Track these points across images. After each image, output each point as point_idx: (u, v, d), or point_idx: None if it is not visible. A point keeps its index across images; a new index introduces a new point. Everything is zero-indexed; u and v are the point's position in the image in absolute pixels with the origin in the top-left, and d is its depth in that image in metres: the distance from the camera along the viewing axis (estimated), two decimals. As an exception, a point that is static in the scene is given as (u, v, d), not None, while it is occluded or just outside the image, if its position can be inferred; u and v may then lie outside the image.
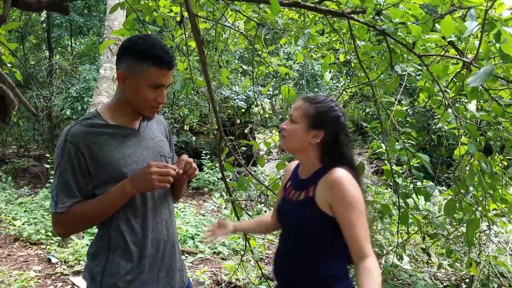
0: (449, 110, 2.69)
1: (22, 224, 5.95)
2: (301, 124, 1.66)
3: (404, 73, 2.62)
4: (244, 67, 11.09)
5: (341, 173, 1.56)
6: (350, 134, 1.76)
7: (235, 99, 10.75)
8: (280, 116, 13.89)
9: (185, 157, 1.68)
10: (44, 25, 11.88)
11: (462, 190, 2.54)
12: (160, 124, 1.85)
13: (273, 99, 16.15)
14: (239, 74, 11.29)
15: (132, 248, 1.59)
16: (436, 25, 2.53)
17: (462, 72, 2.78)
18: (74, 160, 1.51)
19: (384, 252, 3.70)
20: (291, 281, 1.69)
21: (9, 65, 2.77)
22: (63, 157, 1.51)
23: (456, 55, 2.81)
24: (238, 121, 12.99)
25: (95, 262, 1.61)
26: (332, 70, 12.42)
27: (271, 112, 16.25)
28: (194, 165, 1.67)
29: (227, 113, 12.04)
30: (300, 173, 1.79)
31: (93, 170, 1.53)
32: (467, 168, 2.59)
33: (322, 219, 1.58)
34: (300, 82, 12.40)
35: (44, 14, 11.42)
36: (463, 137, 2.76)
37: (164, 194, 1.71)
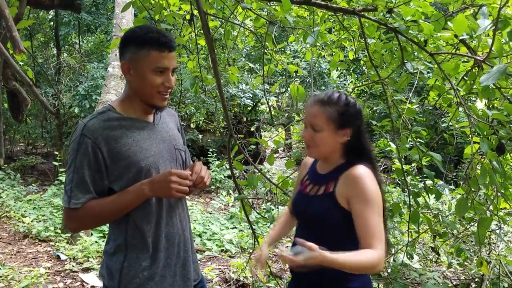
0: (460, 108, 2.68)
1: (31, 221, 6.00)
2: (328, 131, 1.64)
3: (416, 71, 2.60)
4: (251, 65, 11.08)
5: (362, 170, 1.58)
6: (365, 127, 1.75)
7: (241, 97, 10.75)
8: (286, 114, 13.86)
9: (198, 167, 1.66)
10: (52, 23, 11.93)
11: (473, 189, 2.53)
12: (172, 116, 1.86)
13: (280, 97, 16.13)
14: (246, 72, 11.28)
15: (149, 244, 1.61)
16: (448, 23, 2.51)
17: (473, 70, 2.77)
18: (90, 155, 1.51)
19: (393, 251, 3.69)
20: (309, 274, 1.65)
21: (21, 63, 2.78)
22: (79, 152, 1.51)
23: (468, 53, 2.79)
24: (245, 119, 12.98)
25: (113, 259, 1.62)
26: (339, 68, 12.40)
27: (277, 110, 16.23)
28: (207, 178, 1.65)
29: (233, 111, 12.03)
30: (319, 168, 1.79)
31: (111, 165, 1.54)
32: (478, 167, 2.58)
33: (341, 214, 1.59)
34: (307, 80, 12.38)
35: (52, 12, 11.47)
36: (474, 135, 2.75)
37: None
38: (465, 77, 2.91)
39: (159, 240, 1.63)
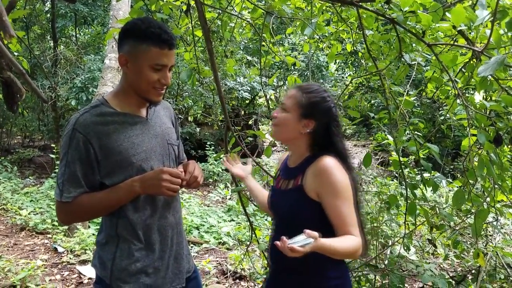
0: (458, 100, 2.67)
1: (28, 214, 6.00)
2: (292, 113, 1.66)
3: (413, 62, 2.59)
4: (248, 57, 11.04)
5: (328, 161, 1.59)
6: (341, 125, 1.77)
7: (239, 90, 10.72)
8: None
9: (192, 166, 1.66)
10: (49, 15, 11.85)
11: (471, 181, 2.52)
12: (166, 110, 1.84)
13: (278, 90, 16.10)
14: (243, 65, 11.24)
15: (140, 236, 1.60)
16: (446, 13, 2.50)
17: (471, 62, 2.76)
18: (82, 150, 1.50)
19: (390, 242, 3.70)
20: (286, 267, 1.70)
21: (16, 53, 2.76)
22: (71, 146, 1.50)
23: (466, 44, 2.77)
24: (243, 112, 12.96)
25: (105, 249, 1.62)
26: (337, 61, 12.37)
27: (275, 103, 16.21)
28: (200, 178, 1.66)
29: (231, 104, 12.01)
30: (289, 162, 1.81)
31: (102, 160, 1.53)
32: (476, 159, 2.57)
33: (312, 207, 1.61)
34: (305, 73, 12.35)
35: (48, 3, 11.40)
36: (471, 127, 2.74)
37: None
38: (463, 69, 2.90)
39: (152, 233, 1.62)
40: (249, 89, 10.92)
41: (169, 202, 1.69)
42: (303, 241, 1.31)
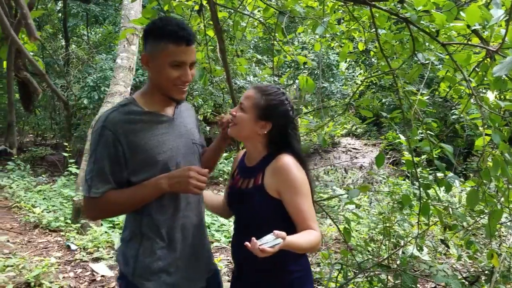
0: (472, 99, 2.65)
1: (41, 212, 6.05)
2: (249, 114, 1.68)
3: (427, 61, 2.57)
4: (259, 56, 11.04)
5: (287, 160, 1.64)
6: (298, 127, 1.81)
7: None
8: (294, 107, 13.82)
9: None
10: (60, 14, 11.96)
11: (485, 181, 2.50)
12: (189, 111, 1.87)
13: (288, 89, 16.08)
14: (253, 64, 11.24)
15: (164, 234, 1.62)
16: (460, 13, 2.48)
17: (486, 61, 2.73)
18: (111, 147, 1.53)
19: (402, 243, 3.68)
20: (252, 267, 1.74)
21: (31, 53, 2.79)
22: (100, 143, 1.53)
23: (480, 43, 2.75)
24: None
25: (129, 246, 1.65)
26: (348, 60, 12.31)
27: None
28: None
29: (241, 103, 11.99)
30: (246, 160, 1.83)
31: (129, 157, 1.56)
32: (489, 159, 2.55)
33: (273, 205, 1.64)
34: (315, 72, 12.32)
35: (60, 3, 11.49)
36: (483, 127, 2.72)
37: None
38: (476, 68, 2.87)
39: (174, 232, 1.64)
40: (259, 88, 10.90)
41: (192, 201, 1.72)
42: (272, 242, 1.34)
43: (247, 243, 1.32)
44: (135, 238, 1.63)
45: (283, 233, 1.35)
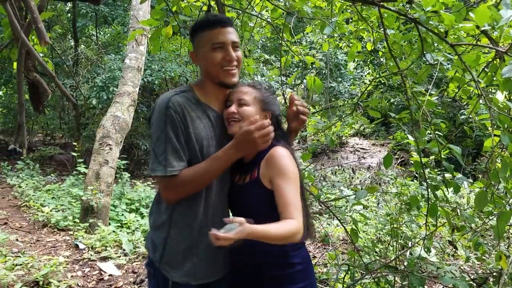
0: (481, 100, 2.63)
1: (50, 211, 6.10)
2: (255, 107, 1.75)
3: (435, 62, 2.56)
4: (266, 56, 11.04)
5: (280, 150, 1.70)
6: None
7: (257, 89, 10.69)
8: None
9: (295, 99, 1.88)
10: (70, 14, 12.04)
11: (494, 182, 2.49)
12: None
13: (295, 89, 16.07)
14: (261, 64, 11.24)
15: (193, 225, 1.67)
16: (469, 13, 2.46)
17: (495, 62, 2.71)
18: (178, 126, 1.60)
19: (410, 244, 3.66)
20: (253, 262, 1.75)
21: (41, 54, 2.82)
22: (168, 123, 1.59)
23: (489, 44, 2.73)
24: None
25: (157, 233, 1.70)
26: (356, 60, 12.27)
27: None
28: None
29: (249, 103, 11.98)
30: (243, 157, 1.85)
31: (185, 141, 1.62)
32: (498, 160, 2.53)
33: (269, 197, 1.66)
34: (323, 72, 12.30)
35: (69, 4, 11.57)
36: (492, 128, 2.70)
37: (225, 180, 1.78)
38: (485, 69, 2.85)
39: (204, 225, 1.67)
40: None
41: (222, 194, 1.76)
42: (228, 227, 1.36)
43: (211, 231, 1.33)
44: (164, 226, 1.68)
45: (240, 218, 1.37)
